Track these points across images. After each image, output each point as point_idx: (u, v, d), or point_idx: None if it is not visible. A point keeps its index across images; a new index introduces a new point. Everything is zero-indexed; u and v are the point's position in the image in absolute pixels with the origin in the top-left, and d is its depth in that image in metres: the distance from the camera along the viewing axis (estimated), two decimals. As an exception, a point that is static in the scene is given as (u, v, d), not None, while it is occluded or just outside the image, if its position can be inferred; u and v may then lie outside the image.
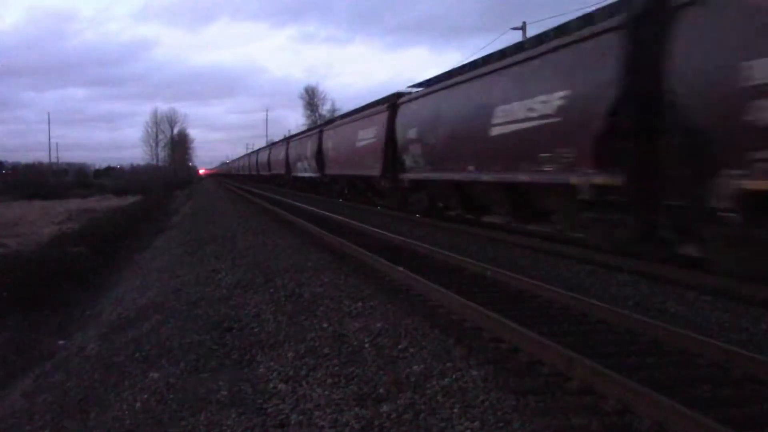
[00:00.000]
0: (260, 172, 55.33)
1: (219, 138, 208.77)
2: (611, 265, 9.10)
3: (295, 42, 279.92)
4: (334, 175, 26.59)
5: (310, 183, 32.31)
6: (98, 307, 11.25)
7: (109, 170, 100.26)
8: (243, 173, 73.34)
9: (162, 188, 54.70)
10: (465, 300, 6.54)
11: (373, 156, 19.69)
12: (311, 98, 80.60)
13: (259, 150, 64.01)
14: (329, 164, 27.12)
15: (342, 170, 24.79)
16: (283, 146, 42.57)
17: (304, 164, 32.51)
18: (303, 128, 54.85)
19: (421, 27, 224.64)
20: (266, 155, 52.43)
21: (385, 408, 4.24)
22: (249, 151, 79.29)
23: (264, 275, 9.18)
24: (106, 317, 9.42)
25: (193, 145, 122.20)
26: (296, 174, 35.83)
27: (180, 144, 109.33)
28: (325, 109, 77.24)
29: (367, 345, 5.62)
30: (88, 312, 11.34)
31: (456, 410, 4.13)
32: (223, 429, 4.21)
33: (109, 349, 6.91)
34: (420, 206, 17.34)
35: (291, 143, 39.96)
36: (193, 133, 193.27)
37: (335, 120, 32.70)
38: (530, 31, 25.56)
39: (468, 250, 10.89)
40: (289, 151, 38.77)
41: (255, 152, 67.28)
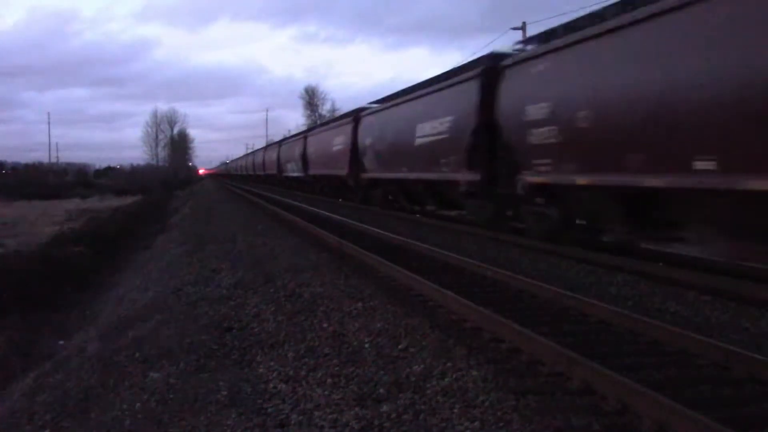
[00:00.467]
0: (256, 172, 59.25)
1: (219, 138, 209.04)
2: (611, 265, 9.11)
3: (296, 42, 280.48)
4: (315, 175, 30.65)
5: (297, 181, 36.37)
6: (98, 307, 11.26)
7: (109, 170, 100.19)
8: (241, 173, 77.96)
9: (162, 188, 54.74)
10: (465, 300, 6.54)
11: (343, 159, 23.65)
12: (311, 98, 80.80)
13: (255, 151, 68.87)
14: (312, 165, 31.25)
15: (321, 170, 29.09)
16: (276, 149, 46.71)
17: (293, 165, 36.54)
18: (303, 128, 56.48)
19: (422, 27, 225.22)
20: (261, 157, 56.43)
21: (385, 408, 4.24)
22: (247, 153, 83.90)
23: (264, 275, 9.19)
24: (106, 317, 9.43)
25: (193, 145, 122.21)
26: (286, 174, 39.83)
27: (180, 144, 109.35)
28: (325, 109, 77.50)
29: (367, 345, 5.62)
30: (88, 312, 11.34)
31: (456, 410, 4.13)
32: (224, 429, 4.21)
33: (109, 350, 6.90)
34: (376, 199, 21.35)
35: (282, 146, 44.04)
36: (194, 133, 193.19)
37: (316, 128, 37.44)
38: (530, 31, 25.56)
39: (468, 250, 10.89)
40: (281, 154, 42.70)
41: (252, 153, 72.03)
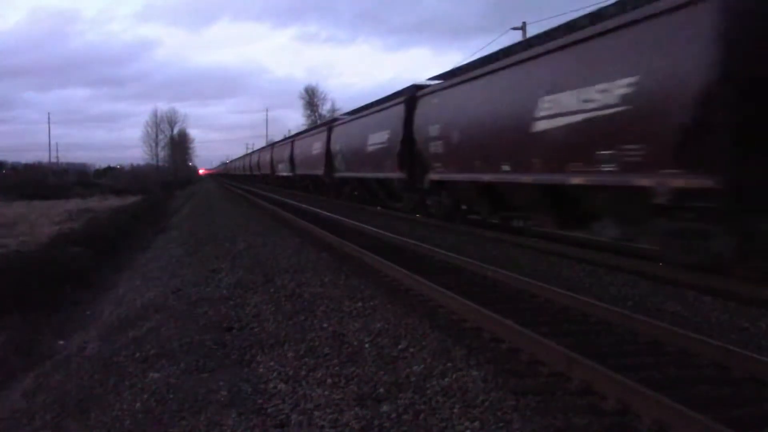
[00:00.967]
0: (253, 172, 64.47)
1: (219, 138, 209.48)
2: (611, 265, 9.11)
3: (297, 42, 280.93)
4: (300, 174, 35.62)
5: (287, 180, 41.34)
6: (98, 307, 11.23)
7: (110, 170, 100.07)
8: (239, 173, 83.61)
9: (162, 188, 54.78)
10: (465, 300, 6.54)
11: (320, 161, 28.46)
12: (311, 98, 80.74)
13: (252, 153, 74.95)
14: (297, 166, 36.16)
15: (304, 170, 34.03)
16: (269, 151, 52.05)
17: (283, 166, 41.35)
18: (302, 128, 57.27)
19: (423, 27, 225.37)
20: (257, 158, 61.48)
21: (385, 408, 4.24)
22: (244, 155, 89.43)
23: (264, 275, 9.19)
24: (106, 317, 9.41)
25: (193, 145, 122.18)
26: (278, 174, 44.66)
27: (180, 144, 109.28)
28: (325, 109, 77.41)
29: (367, 345, 5.62)
30: (88, 312, 11.32)
31: (456, 410, 4.13)
32: (223, 429, 4.21)
33: (110, 350, 6.90)
34: (347, 195, 25.75)
35: (275, 148, 49.37)
36: (194, 133, 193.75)
37: (301, 133, 42.11)
38: (530, 31, 25.57)
39: (468, 250, 10.90)
40: (273, 155, 47.79)
41: (248, 155, 77.62)
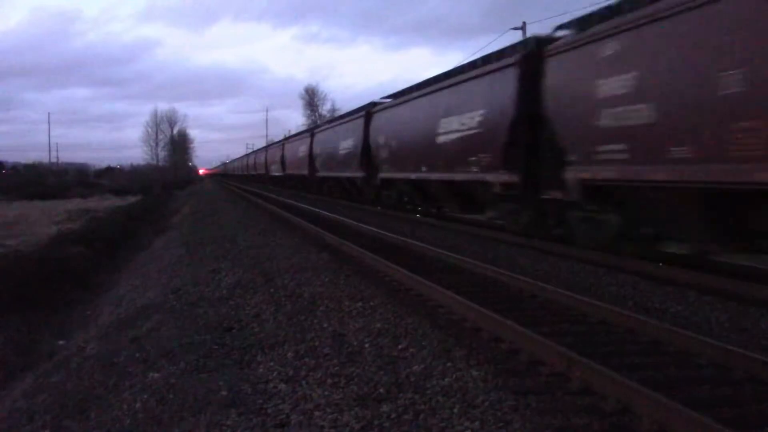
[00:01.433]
0: (249, 172, 69.36)
1: (220, 138, 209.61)
2: (611, 265, 9.11)
3: (298, 42, 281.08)
4: (289, 174, 40.21)
5: (279, 179, 45.80)
6: (98, 307, 11.24)
7: (109, 170, 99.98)
8: (237, 173, 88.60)
9: (162, 188, 54.80)
10: (465, 300, 6.54)
11: (305, 162, 33.29)
12: (311, 98, 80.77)
13: (249, 154, 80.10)
14: (287, 166, 40.64)
15: (293, 171, 38.51)
16: (264, 153, 57.02)
17: (275, 166, 46.44)
18: (302, 128, 57.82)
19: (424, 27, 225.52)
20: (253, 159, 66.87)
21: (385, 408, 4.24)
22: (241, 156, 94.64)
23: (264, 275, 9.18)
24: (106, 317, 9.41)
25: (194, 145, 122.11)
26: (271, 174, 49.47)
27: (180, 144, 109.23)
28: (325, 109, 77.47)
29: (367, 345, 5.62)
30: (88, 312, 11.33)
31: (456, 410, 4.13)
32: (223, 429, 4.21)
33: (109, 350, 6.90)
34: (327, 191, 30.37)
35: (269, 150, 54.14)
36: (195, 134, 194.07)
37: (291, 137, 46.89)
38: (530, 31, 25.60)
39: (468, 251, 10.89)
40: (267, 157, 52.67)
41: (246, 156, 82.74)
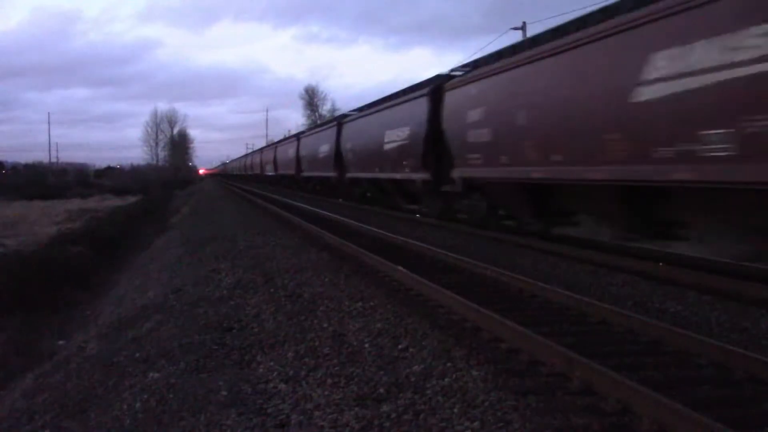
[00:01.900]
0: (247, 172, 72.38)
1: (220, 138, 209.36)
2: (611, 265, 9.11)
3: (298, 42, 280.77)
4: (281, 174, 43.50)
5: (273, 178, 48.64)
6: (98, 307, 11.24)
7: (109, 170, 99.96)
8: (236, 173, 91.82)
9: (162, 188, 54.85)
10: (465, 300, 6.54)
11: (293, 163, 36.55)
12: (311, 98, 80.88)
13: (246, 155, 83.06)
14: (279, 167, 43.93)
15: (284, 171, 41.86)
16: (259, 154, 60.26)
17: (269, 167, 49.13)
18: (302, 128, 58.50)
19: (424, 27, 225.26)
20: (250, 160, 70.08)
21: (385, 408, 4.24)
22: (239, 156, 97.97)
23: (264, 275, 9.18)
24: (106, 317, 9.42)
25: (194, 145, 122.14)
26: (266, 173, 52.26)
27: (180, 144, 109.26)
28: (325, 109, 77.62)
29: (367, 345, 5.62)
30: (88, 312, 11.34)
31: (456, 410, 4.13)
32: (223, 429, 4.21)
33: (109, 350, 6.90)
34: (311, 188, 33.24)
35: (264, 152, 57.60)
36: (194, 133, 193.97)
37: (283, 140, 50.08)
38: (530, 31, 25.59)
39: (468, 250, 10.89)
40: (262, 158, 55.95)
41: (244, 157, 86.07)
